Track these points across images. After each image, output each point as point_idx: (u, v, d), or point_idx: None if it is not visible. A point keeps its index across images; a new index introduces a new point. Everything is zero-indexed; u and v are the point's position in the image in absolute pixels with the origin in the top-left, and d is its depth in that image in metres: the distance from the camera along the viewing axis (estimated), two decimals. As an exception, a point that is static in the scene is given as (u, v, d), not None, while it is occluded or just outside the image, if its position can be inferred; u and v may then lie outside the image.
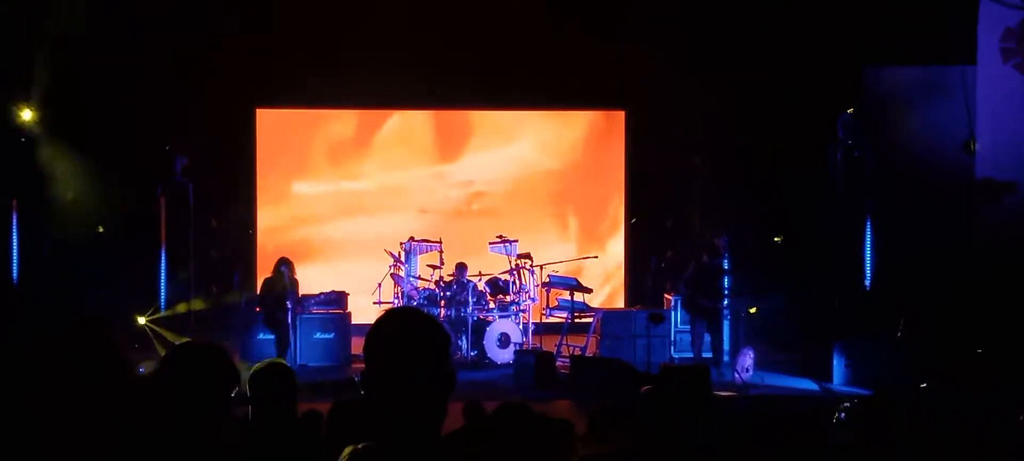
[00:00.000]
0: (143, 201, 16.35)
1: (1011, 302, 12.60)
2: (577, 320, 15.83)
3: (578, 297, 15.87)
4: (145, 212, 16.36)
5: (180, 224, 16.53)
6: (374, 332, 2.78)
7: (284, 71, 17.25)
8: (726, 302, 14.76)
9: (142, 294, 16.03)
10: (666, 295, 15.90)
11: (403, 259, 16.00)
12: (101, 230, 16.09)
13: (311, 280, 16.56)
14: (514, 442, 5.03)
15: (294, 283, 14.51)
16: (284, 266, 14.34)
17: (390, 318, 2.82)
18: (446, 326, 14.57)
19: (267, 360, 5.22)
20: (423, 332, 2.76)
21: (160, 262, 16.37)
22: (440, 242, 16.14)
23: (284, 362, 5.21)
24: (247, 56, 16.80)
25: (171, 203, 16.46)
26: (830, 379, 13.52)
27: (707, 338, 14.66)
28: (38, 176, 15.40)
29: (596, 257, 17.65)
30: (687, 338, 15.07)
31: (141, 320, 15.39)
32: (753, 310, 14.55)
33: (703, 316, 14.52)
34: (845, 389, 13.01)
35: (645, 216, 18.28)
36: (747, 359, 13.67)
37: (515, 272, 15.81)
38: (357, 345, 14.59)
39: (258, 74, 17.25)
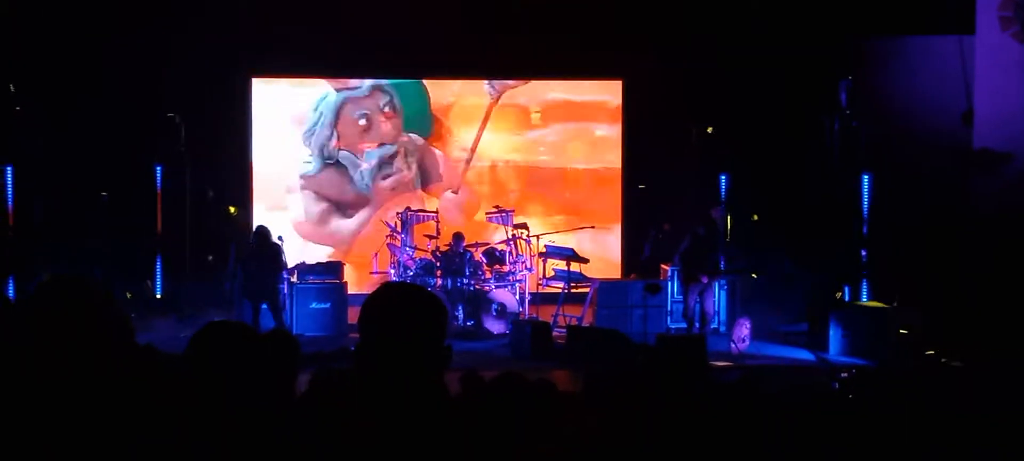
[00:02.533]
0: (138, 172, 16.33)
1: (1008, 272, 12.61)
2: (573, 290, 15.82)
3: (575, 267, 15.86)
4: (140, 183, 16.34)
5: (176, 195, 16.50)
6: (369, 306, 2.75)
7: (279, 40, 17.14)
8: (722, 272, 14.78)
9: (138, 266, 16.05)
10: (663, 265, 15.88)
11: (399, 229, 15.98)
12: (104, 195, 15.99)
13: (307, 250, 16.64)
14: (512, 410, 5.01)
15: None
16: (267, 232, 14.16)
17: (385, 292, 2.79)
18: (442, 296, 14.61)
19: (271, 329, 5.19)
20: (418, 307, 2.73)
21: (155, 233, 16.41)
22: (437, 212, 16.12)
23: (289, 332, 5.18)
24: (242, 24, 16.70)
25: (167, 174, 16.44)
26: (826, 349, 13.53)
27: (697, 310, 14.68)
28: (32, 143, 15.35)
29: (593, 227, 17.64)
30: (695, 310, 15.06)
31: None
32: (755, 275, 14.53)
33: (697, 287, 14.51)
34: (841, 359, 13.03)
35: (643, 186, 18.21)
36: (743, 329, 13.67)
37: (512, 242, 15.79)
38: (353, 315, 14.53)
39: (253, 43, 17.14)
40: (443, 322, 2.77)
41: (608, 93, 18.66)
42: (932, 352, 11.68)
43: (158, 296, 16.35)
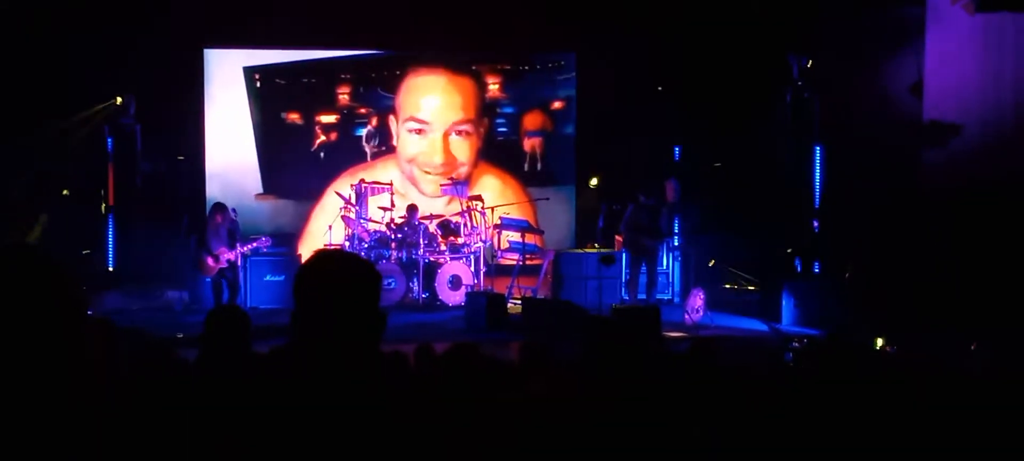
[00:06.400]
0: (89, 144, 16.15)
1: (956, 243, 12.74)
2: (528, 262, 15.85)
3: (529, 239, 15.89)
4: (91, 155, 16.17)
5: (127, 167, 16.33)
6: (302, 274, 2.75)
7: (232, 10, 16.94)
8: (666, 234, 15.02)
9: (89, 239, 15.90)
10: (617, 237, 15.94)
11: (353, 201, 15.91)
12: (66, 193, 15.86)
13: (261, 222, 16.54)
14: (464, 382, 5.02)
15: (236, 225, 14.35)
16: (229, 209, 14.15)
17: (318, 260, 2.79)
18: (397, 268, 14.54)
19: (222, 303, 5.16)
20: (351, 274, 2.73)
21: (107, 204, 16.26)
22: (391, 184, 16.06)
23: (238, 306, 5.15)
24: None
25: (118, 145, 16.27)
26: (779, 319, 13.66)
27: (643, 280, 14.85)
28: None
29: (548, 200, 17.66)
30: (641, 280, 15.12)
31: None
32: (697, 232, 14.63)
33: (642, 255, 14.66)
34: (794, 329, 13.15)
35: (596, 159, 18.21)
36: (697, 300, 13.76)
37: (466, 214, 15.78)
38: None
39: (206, 13, 16.91)
40: (377, 288, 2.77)
41: (562, 66, 18.63)
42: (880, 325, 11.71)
43: (111, 268, 16.19)
